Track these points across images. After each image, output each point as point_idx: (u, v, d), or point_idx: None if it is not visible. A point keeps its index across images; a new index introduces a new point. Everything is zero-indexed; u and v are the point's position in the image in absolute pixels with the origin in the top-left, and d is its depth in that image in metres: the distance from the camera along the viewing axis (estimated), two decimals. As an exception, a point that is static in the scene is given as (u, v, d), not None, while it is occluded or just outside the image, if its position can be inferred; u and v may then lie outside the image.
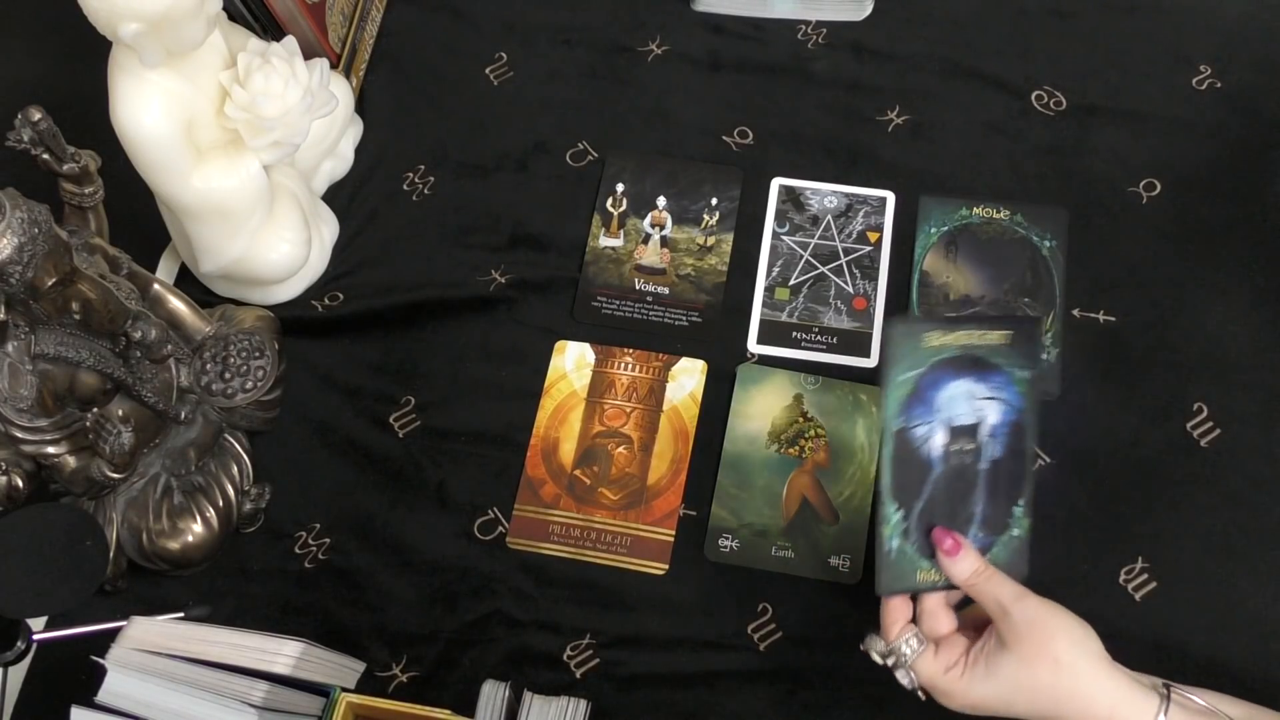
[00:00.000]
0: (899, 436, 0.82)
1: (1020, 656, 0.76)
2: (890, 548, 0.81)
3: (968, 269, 1.00)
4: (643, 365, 1.03)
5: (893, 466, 0.81)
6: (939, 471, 0.83)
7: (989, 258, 1.01)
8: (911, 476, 0.82)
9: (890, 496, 0.81)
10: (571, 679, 0.92)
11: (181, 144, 0.94)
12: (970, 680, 0.78)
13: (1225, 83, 1.10)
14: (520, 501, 0.99)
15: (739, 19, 1.17)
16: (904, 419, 0.82)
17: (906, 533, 0.82)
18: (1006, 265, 1.01)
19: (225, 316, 1.01)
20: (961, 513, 0.83)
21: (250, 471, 0.99)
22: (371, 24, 1.19)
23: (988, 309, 0.99)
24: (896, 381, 0.81)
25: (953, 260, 1.00)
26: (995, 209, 1.02)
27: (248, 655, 0.84)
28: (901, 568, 0.82)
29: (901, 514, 0.82)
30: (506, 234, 1.10)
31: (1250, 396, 0.97)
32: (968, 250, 1.01)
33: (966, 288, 1.00)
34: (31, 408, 0.87)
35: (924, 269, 1.00)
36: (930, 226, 1.01)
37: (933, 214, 1.03)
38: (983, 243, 1.01)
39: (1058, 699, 0.75)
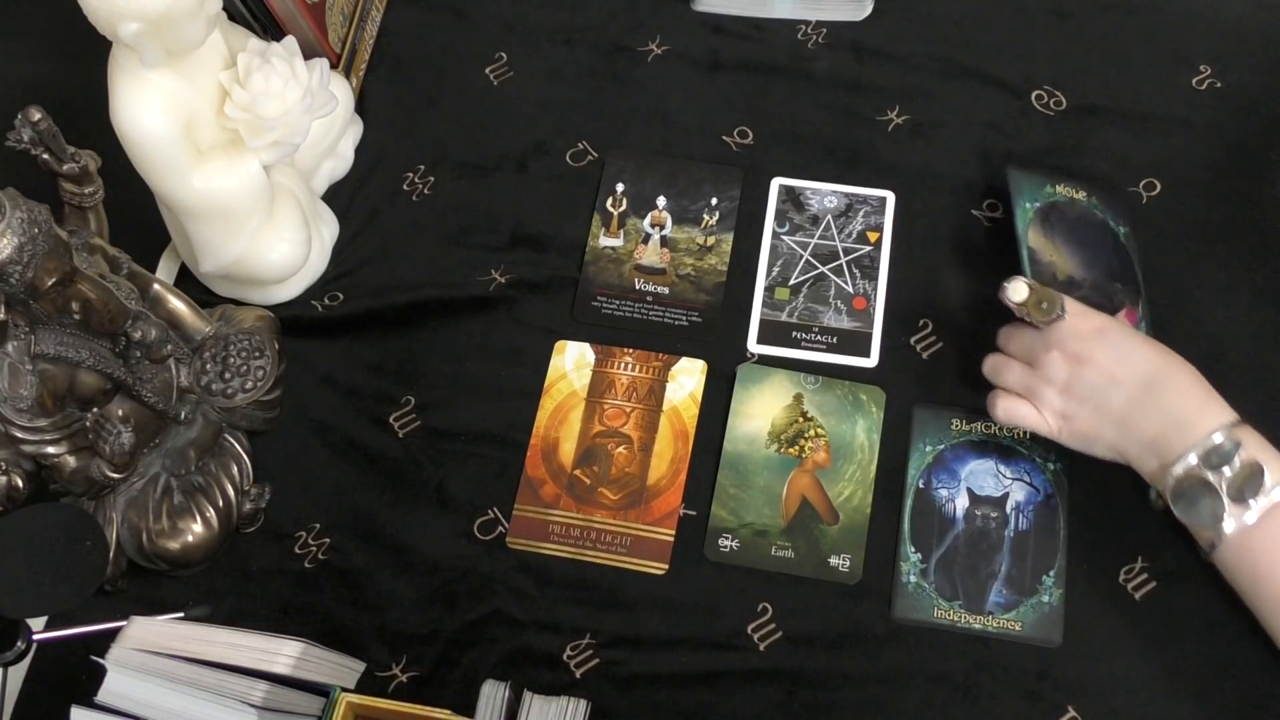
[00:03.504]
0: (919, 494, 0.93)
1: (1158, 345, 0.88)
2: (908, 581, 0.91)
3: (1065, 249, 0.96)
4: (643, 365, 1.03)
5: (911, 518, 0.93)
6: (961, 529, 0.92)
7: (1080, 239, 0.97)
8: (931, 530, 0.92)
9: (908, 542, 0.92)
10: (571, 679, 0.92)
11: (181, 144, 0.94)
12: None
13: (1225, 83, 1.10)
14: (520, 501, 0.99)
15: (739, 19, 1.17)
16: (924, 480, 0.93)
17: (925, 573, 0.91)
18: (1095, 248, 0.97)
19: (225, 316, 1.01)
20: (984, 569, 0.91)
21: (250, 471, 0.99)
22: (371, 24, 1.19)
23: (1092, 294, 0.95)
24: (921, 452, 0.94)
25: (1051, 238, 0.97)
26: (1075, 189, 0.99)
27: (248, 655, 0.84)
28: (918, 601, 0.91)
29: (919, 557, 0.91)
30: (506, 234, 1.10)
31: (1250, 396, 0.97)
32: (1062, 229, 0.97)
33: (1068, 269, 0.96)
34: (31, 408, 0.87)
35: (1030, 245, 0.95)
36: (1025, 201, 0.97)
37: (1024, 188, 0.98)
38: (1072, 222, 0.98)
39: (1174, 357, 0.86)
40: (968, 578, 0.91)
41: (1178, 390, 0.85)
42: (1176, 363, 0.86)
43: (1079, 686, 0.89)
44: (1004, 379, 0.90)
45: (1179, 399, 0.84)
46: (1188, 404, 0.84)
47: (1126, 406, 0.85)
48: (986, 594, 0.90)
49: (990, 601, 0.90)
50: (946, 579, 0.91)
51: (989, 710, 0.89)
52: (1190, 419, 0.83)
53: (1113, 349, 0.86)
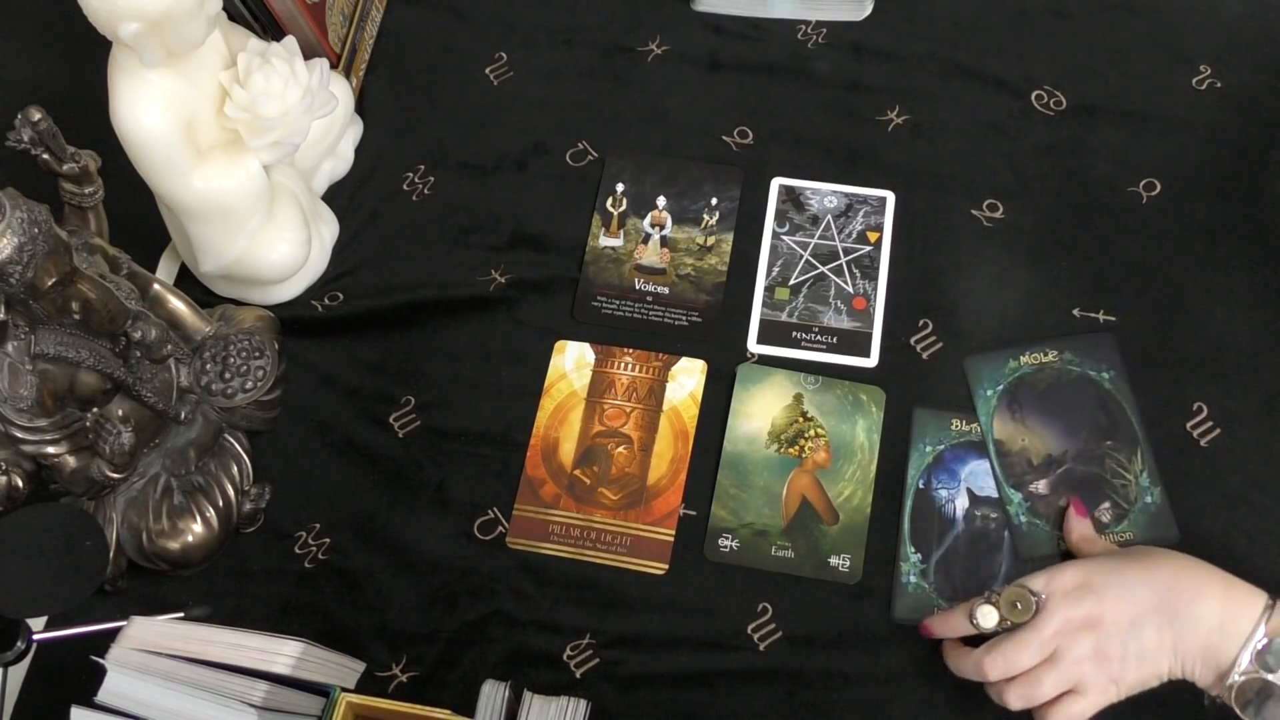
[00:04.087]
0: (919, 494, 0.93)
1: (1129, 551, 0.85)
2: (907, 582, 0.91)
3: (1039, 427, 0.93)
4: (643, 365, 1.03)
5: (911, 519, 0.93)
6: (961, 530, 0.92)
7: (1055, 407, 0.93)
8: (931, 530, 0.92)
9: (908, 542, 0.92)
10: (571, 679, 0.93)
11: (181, 144, 0.94)
12: (1083, 560, 0.85)
13: (1225, 83, 1.10)
14: (520, 501, 0.99)
15: (739, 19, 1.17)
16: (924, 481, 0.93)
17: (925, 574, 0.91)
18: (1076, 411, 0.93)
19: (225, 316, 1.01)
20: (984, 569, 0.91)
21: (250, 471, 0.99)
22: (371, 24, 1.19)
23: (1077, 465, 0.92)
24: (922, 451, 0.93)
25: (1021, 421, 0.93)
26: (1042, 352, 0.95)
27: (248, 655, 0.84)
28: (918, 600, 0.91)
29: (919, 557, 0.91)
30: (506, 234, 1.10)
31: (1250, 396, 0.97)
32: (1031, 406, 0.93)
33: (1046, 447, 0.92)
34: (31, 408, 0.87)
35: (997, 439, 0.93)
36: (985, 389, 0.93)
37: (983, 375, 0.95)
38: (1042, 393, 0.94)
39: (1171, 565, 0.81)
40: (968, 578, 0.91)
41: (1197, 594, 0.80)
42: (1175, 567, 0.81)
43: (1079, 686, 0.89)
44: (1036, 693, 0.81)
45: (1204, 604, 0.79)
46: (1214, 606, 0.79)
47: (1160, 636, 0.80)
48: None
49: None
50: (946, 579, 0.91)
51: (989, 710, 0.89)
52: (1227, 622, 0.79)
53: (1112, 594, 0.81)
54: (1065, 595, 0.81)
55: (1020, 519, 0.90)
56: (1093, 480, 0.92)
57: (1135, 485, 0.91)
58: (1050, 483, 0.90)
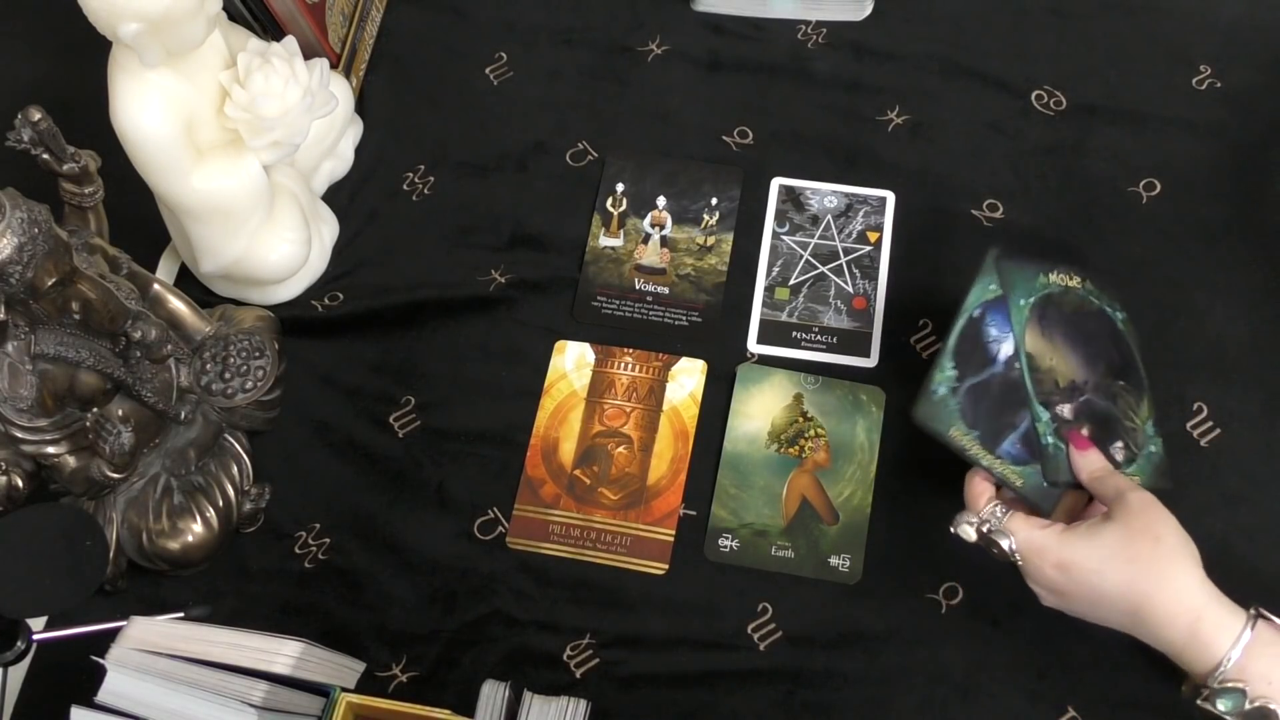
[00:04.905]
0: (971, 322, 0.89)
1: (1126, 526, 0.80)
2: (935, 389, 0.88)
3: (1064, 348, 0.89)
4: (643, 365, 1.03)
5: (958, 340, 0.89)
6: (999, 372, 0.88)
7: (1078, 335, 0.90)
8: (972, 357, 0.89)
9: (950, 355, 0.88)
10: (571, 679, 0.93)
11: (181, 144, 0.94)
12: (1071, 537, 0.81)
13: (1225, 83, 1.10)
14: (520, 501, 0.99)
15: (739, 19, 1.17)
16: (979, 311, 0.89)
17: (955, 391, 0.88)
18: (1095, 343, 0.91)
19: (225, 316, 1.01)
20: (1006, 417, 0.88)
21: (250, 471, 0.99)
22: (371, 24, 1.19)
23: (1096, 396, 0.90)
24: (986, 286, 0.89)
25: (1050, 339, 0.89)
26: (1069, 274, 0.92)
27: (248, 655, 0.84)
28: (940, 411, 0.87)
29: (956, 374, 0.88)
30: (506, 234, 1.10)
31: (1250, 396, 0.97)
32: (1059, 327, 0.90)
33: (1070, 372, 0.89)
34: (31, 408, 0.87)
35: (1029, 352, 0.88)
36: (1019, 297, 0.89)
37: (1016, 282, 0.90)
38: (1068, 317, 0.91)
39: (1151, 577, 0.78)
40: (991, 417, 0.88)
41: (1163, 624, 0.78)
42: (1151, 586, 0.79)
43: (1079, 686, 0.89)
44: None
45: (1169, 634, 0.78)
46: (1179, 637, 0.78)
47: (1125, 626, 0.81)
48: (1002, 438, 0.87)
49: (1002, 448, 0.87)
50: (972, 406, 0.88)
51: (989, 710, 0.89)
52: (1189, 658, 0.78)
53: (1084, 590, 0.81)
54: (1038, 581, 0.83)
55: (1047, 439, 0.87)
56: (1110, 416, 0.89)
57: (1142, 431, 0.89)
58: (1074, 408, 0.88)
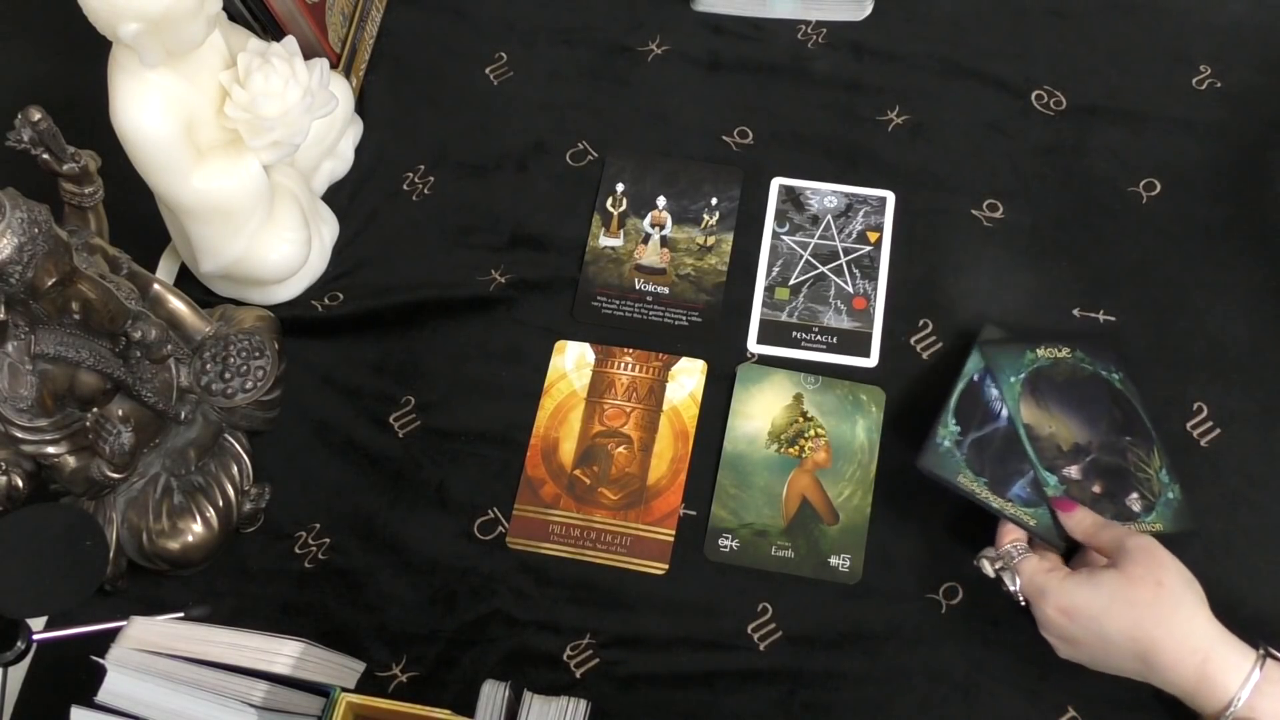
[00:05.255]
0: (972, 385, 0.93)
1: (1127, 574, 0.80)
2: (940, 443, 0.91)
3: (1062, 415, 0.92)
4: (643, 365, 1.03)
5: (958, 399, 0.92)
6: (1002, 427, 0.91)
7: (1073, 400, 0.93)
8: (974, 415, 0.92)
9: (951, 414, 0.92)
10: (571, 679, 0.92)
11: (181, 144, 0.94)
12: (1071, 583, 0.82)
13: (1225, 83, 1.10)
14: (520, 501, 0.99)
15: (739, 19, 1.17)
16: (979, 376, 0.93)
17: (959, 444, 0.90)
18: (1093, 405, 0.93)
19: (225, 316, 1.01)
20: (1013, 465, 0.90)
21: (250, 471, 0.99)
22: (371, 24, 1.19)
23: (1102, 455, 0.91)
24: (979, 360, 0.93)
25: (1046, 409, 0.92)
26: (1056, 348, 0.94)
27: (248, 655, 0.84)
28: (946, 461, 0.90)
29: (959, 429, 0.90)
30: (506, 234, 1.10)
31: (1250, 396, 0.97)
32: (1052, 395, 0.93)
33: (1073, 435, 0.91)
34: (31, 408, 0.87)
35: (1026, 423, 0.91)
36: (1008, 376, 0.92)
37: (1003, 364, 0.93)
38: (1060, 385, 0.93)
39: (1155, 621, 0.79)
40: (997, 464, 0.90)
41: (1170, 667, 0.79)
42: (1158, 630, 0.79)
43: (1079, 686, 0.89)
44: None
45: (1177, 675, 0.79)
46: (1188, 678, 0.78)
47: (1137, 673, 0.82)
48: (1011, 483, 0.89)
49: (1013, 491, 0.89)
50: (977, 457, 0.90)
51: (989, 710, 0.89)
52: (1198, 698, 0.79)
53: (1091, 637, 0.82)
54: (1047, 629, 0.84)
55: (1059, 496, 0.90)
56: (1120, 471, 0.91)
57: (1157, 480, 0.91)
58: (1082, 469, 0.90)
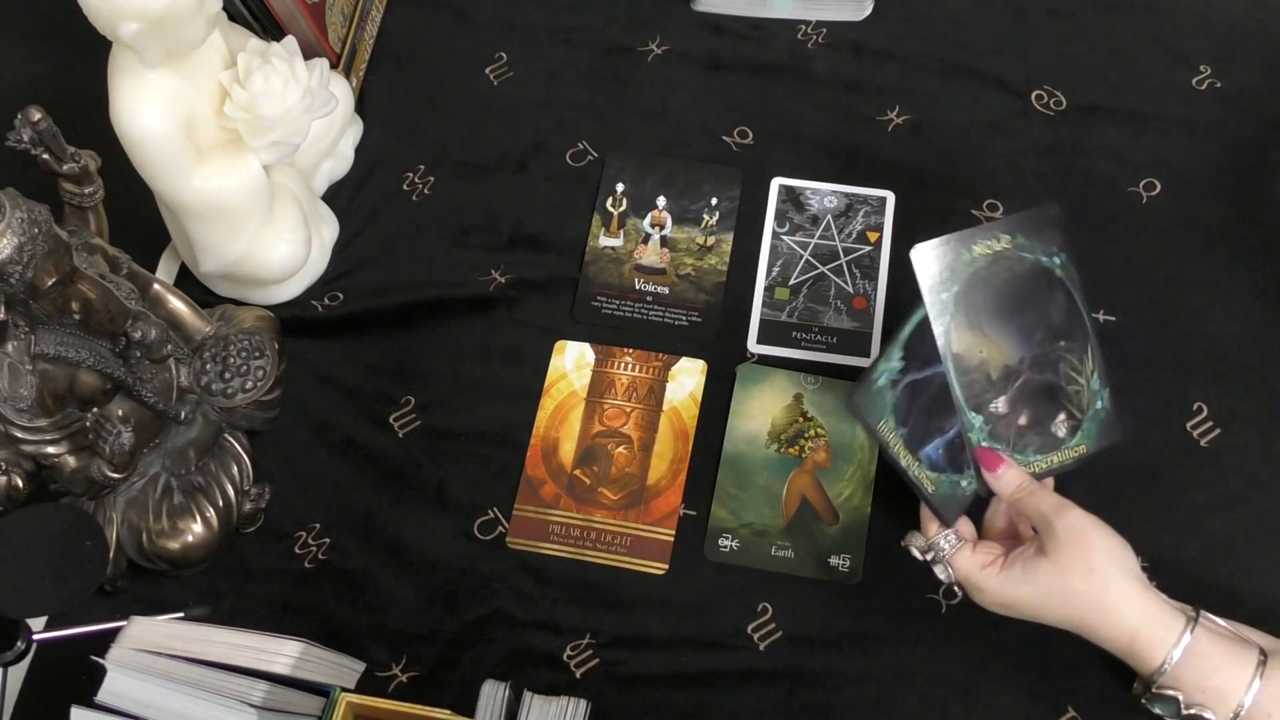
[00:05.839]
0: (925, 320, 0.85)
1: (1057, 564, 0.80)
2: (875, 379, 0.85)
3: (995, 332, 0.84)
4: (643, 365, 1.03)
5: (913, 331, 0.85)
6: (939, 373, 0.85)
7: (1010, 308, 0.85)
8: (922, 350, 0.86)
9: (901, 346, 0.85)
10: (571, 679, 0.93)
11: (181, 144, 0.94)
12: (1005, 580, 0.82)
13: (1225, 83, 1.10)
14: (520, 501, 0.99)
15: (739, 19, 1.17)
16: (934, 311, 0.84)
17: (894, 384, 0.86)
18: (1030, 310, 0.86)
19: (225, 316, 1.01)
20: (936, 419, 0.86)
21: (250, 471, 0.99)
22: (371, 24, 1.19)
23: (1033, 374, 0.86)
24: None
25: (978, 327, 0.84)
26: (994, 237, 0.84)
27: (248, 655, 0.84)
28: (875, 403, 0.86)
29: (901, 366, 0.85)
30: (506, 234, 1.10)
31: (1250, 396, 0.97)
32: (988, 307, 0.84)
33: (1003, 357, 0.85)
34: (31, 408, 0.87)
35: (956, 353, 0.84)
36: (941, 291, 0.83)
37: (936, 273, 0.83)
38: (998, 288, 0.84)
39: (1086, 608, 0.80)
40: (922, 416, 0.86)
41: (1103, 640, 0.81)
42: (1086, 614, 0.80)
43: (1079, 686, 0.89)
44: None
45: (1108, 646, 0.81)
46: (1118, 650, 0.81)
47: (1068, 628, 0.82)
48: (927, 443, 0.86)
49: (925, 451, 0.87)
50: (906, 404, 0.85)
51: (989, 710, 0.89)
52: (1135, 667, 0.81)
53: (1028, 618, 0.82)
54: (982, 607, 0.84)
55: (982, 445, 0.87)
56: (1050, 390, 0.87)
57: (1087, 389, 0.88)
58: (1009, 400, 0.86)
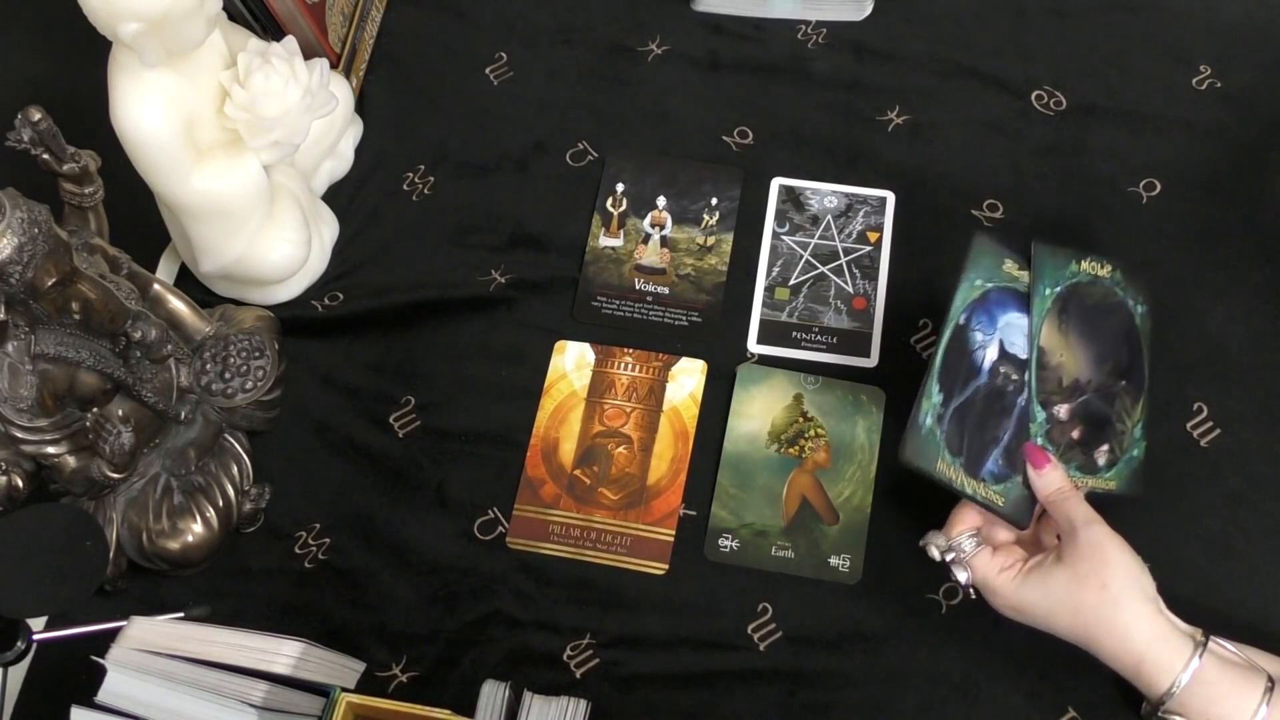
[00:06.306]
0: (958, 331, 0.87)
1: (1074, 573, 0.81)
2: (922, 423, 0.86)
3: (1078, 345, 0.88)
4: (643, 365, 1.03)
5: (945, 354, 0.87)
6: (983, 381, 0.87)
7: (1094, 330, 0.89)
8: (958, 371, 0.87)
9: (936, 378, 0.86)
10: (571, 679, 0.93)
11: (181, 144, 0.94)
12: (1021, 584, 0.83)
13: (1225, 83, 1.10)
14: (520, 501, 0.99)
15: (739, 19, 1.17)
16: (966, 316, 0.88)
17: (941, 418, 0.86)
18: (1108, 340, 0.89)
19: (225, 316, 1.01)
20: (990, 431, 0.87)
21: (250, 471, 0.99)
22: (371, 24, 1.19)
23: (1095, 398, 0.88)
24: (972, 284, 0.88)
25: (1066, 334, 0.88)
26: (1100, 264, 0.89)
27: (248, 655, 0.84)
28: (927, 447, 0.86)
29: (942, 398, 0.86)
30: (506, 234, 1.10)
31: (1250, 396, 0.97)
32: (1077, 320, 0.88)
33: (1076, 370, 0.88)
34: (31, 408, 0.87)
35: (1041, 345, 0.87)
36: (1045, 286, 0.87)
37: (1046, 269, 0.88)
38: (1090, 309, 0.89)
39: (1096, 623, 0.80)
40: (975, 435, 0.87)
41: (1109, 659, 0.81)
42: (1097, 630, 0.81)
43: (1079, 687, 0.89)
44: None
45: (1114, 666, 0.81)
46: (1125, 672, 0.81)
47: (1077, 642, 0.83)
48: (985, 459, 0.87)
49: (985, 469, 0.87)
50: (957, 430, 0.87)
51: (989, 710, 0.89)
52: (1142, 690, 0.81)
53: (1038, 625, 0.83)
54: (995, 609, 0.85)
55: (1038, 440, 0.88)
56: (1103, 419, 0.89)
57: (1130, 434, 0.89)
58: (1070, 409, 0.88)
